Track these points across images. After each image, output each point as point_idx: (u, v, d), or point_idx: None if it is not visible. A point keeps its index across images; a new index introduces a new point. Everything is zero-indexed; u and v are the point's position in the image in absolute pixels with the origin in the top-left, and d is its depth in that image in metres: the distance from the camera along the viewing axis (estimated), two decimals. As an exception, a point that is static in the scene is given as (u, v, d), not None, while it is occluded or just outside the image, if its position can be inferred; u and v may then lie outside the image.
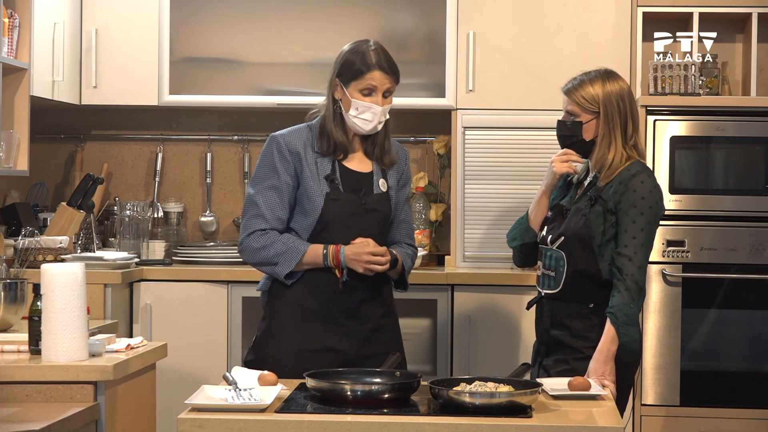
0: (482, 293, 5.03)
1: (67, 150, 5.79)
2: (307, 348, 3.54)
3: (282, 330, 3.58)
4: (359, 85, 3.56)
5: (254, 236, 3.57)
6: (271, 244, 3.55)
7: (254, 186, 3.61)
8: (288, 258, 3.54)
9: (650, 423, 4.97)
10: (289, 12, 5.30)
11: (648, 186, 3.52)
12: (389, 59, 3.60)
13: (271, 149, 3.60)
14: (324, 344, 3.56)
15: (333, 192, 3.57)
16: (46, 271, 3.18)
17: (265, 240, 3.56)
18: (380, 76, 3.56)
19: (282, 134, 3.63)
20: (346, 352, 3.57)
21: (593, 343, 3.50)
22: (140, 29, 5.33)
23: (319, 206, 3.56)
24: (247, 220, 3.60)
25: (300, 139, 3.61)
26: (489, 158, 5.24)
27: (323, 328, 3.57)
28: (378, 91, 3.56)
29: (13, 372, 3.17)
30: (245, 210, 3.62)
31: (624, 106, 3.59)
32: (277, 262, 3.55)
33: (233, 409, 2.84)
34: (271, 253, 3.55)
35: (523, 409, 2.85)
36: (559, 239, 3.59)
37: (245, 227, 3.60)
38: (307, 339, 3.56)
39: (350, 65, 3.57)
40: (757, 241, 4.95)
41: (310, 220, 3.58)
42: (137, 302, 5.09)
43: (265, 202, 3.57)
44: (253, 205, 3.59)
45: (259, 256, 3.57)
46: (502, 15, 5.24)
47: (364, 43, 3.61)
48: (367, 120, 3.57)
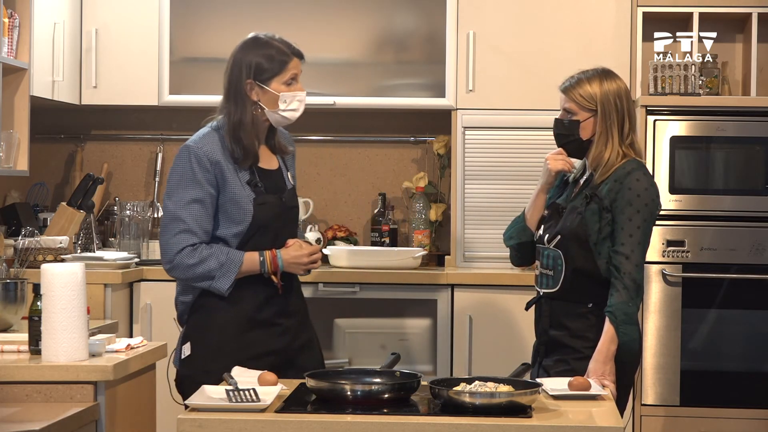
0: (482, 293, 5.03)
1: (67, 150, 5.79)
2: (247, 356, 3.47)
3: (217, 343, 3.51)
4: (283, 78, 3.54)
5: (185, 252, 3.46)
6: (206, 259, 3.46)
7: (174, 200, 3.49)
8: (226, 271, 3.47)
9: (650, 423, 4.97)
10: (289, 12, 5.30)
11: (644, 183, 3.52)
12: (294, 44, 3.59)
13: (189, 160, 3.49)
14: (265, 348, 3.53)
15: (259, 197, 3.53)
16: (46, 271, 3.18)
17: (198, 255, 3.46)
18: (297, 62, 3.57)
19: (197, 144, 3.51)
20: (283, 350, 3.56)
21: (592, 342, 3.50)
22: (140, 29, 5.33)
23: (250, 213, 3.51)
24: (173, 237, 3.47)
25: (216, 146, 3.51)
26: (489, 158, 5.24)
27: (261, 333, 3.54)
28: (298, 78, 3.57)
29: (13, 372, 3.16)
30: (167, 226, 3.49)
31: (621, 104, 3.59)
32: (215, 276, 3.47)
33: (233, 409, 2.84)
34: (207, 268, 3.46)
35: (523, 409, 2.85)
36: (556, 238, 3.59)
37: (172, 244, 3.47)
38: (245, 347, 3.51)
39: (264, 64, 3.53)
40: (757, 241, 4.95)
41: (240, 227, 3.52)
42: (137, 302, 5.09)
43: (190, 216, 3.46)
44: (177, 221, 3.47)
45: (194, 272, 3.47)
46: (502, 15, 5.24)
47: (262, 39, 3.57)
48: (295, 109, 3.56)
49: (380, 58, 5.34)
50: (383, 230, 5.51)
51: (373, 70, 5.33)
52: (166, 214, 3.51)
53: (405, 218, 5.67)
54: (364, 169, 5.71)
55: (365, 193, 5.70)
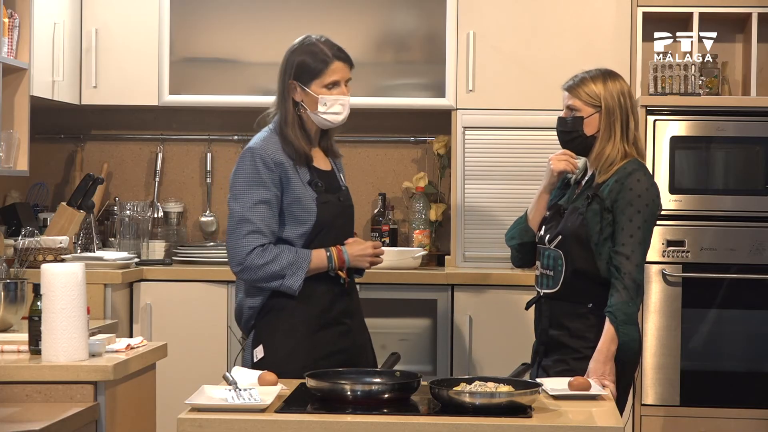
0: (482, 293, 5.03)
1: (67, 150, 5.79)
2: (319, 356, 3.51)
3: (290, 345, 3.53)
4: (323, 81, 3.54)
5: (255, 253, 3.47)
6: (275, 258, 3.48)
7: (241, 202, 3.50)
8: (296, 269, 3.49)
9: (650, 423, 4.97)
10: (289, 12, 5.31)
11: (644, 184, 3.52)
12: (342, 49, 3.59)
13: (255, 162, 3.51)
14: (334, 347, 3.56)
15: (321, 196, 3.56)
16: (46, 271, 3.18)
17: (268, 255, 3.48)
18: (341, 66, 3.56)
19: (260, 146, 3.53)
20: (348, 349, 3.59)
21: (592, 343, 3.50)
22: (140, 29, 5.33)
23: (314, 212, 3.53)
24: (242, 238, 3.48)
25: (278, 148, 3.54)
26: (489, 158, 5.24)
27: (329, 333, 3.57)
28: (342, 82, 3.57)
29: (13, 372, 3.16)
30: (235, 228, 3.50)
31: (625, 103, 3.60)
32: (285, 274, 3.49)
33: (233, 409, 2.84)
34: (278, 267, 3.48)
35: (523, 409, 2.85)
36: (557, 238, 3.59)
37: (242, 246, 3.48)
38: (316, 347, 3.53)
39: (306, 65, 3.54)
40: (757, 241, 4.95)
41: (305, 227, 3.54)
42: (137, 302, 5.09)
43: (258, 217, 3.48)
44: (245, 222, 3.48)
45: (265, 272, 3.48)
46: (502, 15, 5.24)
47: (310, 41, 3.58)
48: (337, 113, 3.57)
49: (380, 58, 5.34)
50: (383, 230, 5.51)
51: (373, 70, 5.33)
52: (233, 216, 3.51)
53: (405, 218, 5.67)
54: (364, 169, 5.71)
55: (365, 193, 5.70)
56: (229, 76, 5.33)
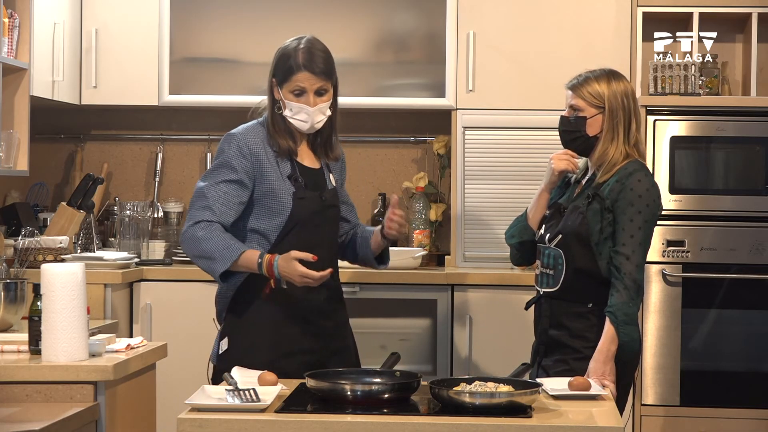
0: (482, 293, 5.03)
1: (67, 150, 5.79)
2: (280, 353, 3.47)
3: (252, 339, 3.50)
4: (289, 87, 3.52)
5: (199, 226, 3.44)
6: (212, 237, 3.43)
7: (206, 180, 3.50)
8: (225, 255, 3.42)
9: (650, 423, 4.97)
10: (289, 12, 5.30)
11: (645, 184, 3.52)
12: (319, 58, 3.51)
13: (230, 147, 3.51)
14: (297, 346, 3.52)
15: (299, 191, 3.53)
16: (46, 271, 3.18)
17: (208, 232, 3.43)
18: (307, 76, 3.50)
19: (240, 133, 3.54)
20: (316, 351, 3.54)
21: (592, 343, 3.50)
22: (140, 29, 5.33)
23: (288, 206, 3.51)
24: (194, 211, 3.47)
25: (258, 138, 3.53)
26: (489, 158, 5.24)
27: (295, 330, 3.53)
28: (308, 92, 3.51)
29: (13, 372, 3.16)
30: (193, 202, 3.50)
31: (628, 103, 3.59)
32: (215, 257, 3.43)
33: (233, 409, 2.84)
34: (211, 247, 3.42)
35: (523, 409, 2.85)
36: (557, 237, 3.59)
37: (191, 217, 3.46)
38: (279, 343, 3.50)
39: (281, 65, 3.54)
40: (757, 241, 4.96)
41: (279, 220, 3.52)
42: (137, 302, 5.09)
43: (215, 196, 3.46)
44: (202, 197, 3.47)
45: (199, 248, 3.43)
46: (502, 15, 5.24)
47: (295, 42, 3.55)
48: (303, 120, 3.53)
49: (380, 58, 5.34)
50: (383, 230, 5.50)
51: (373, 70, 5.33)
52: (196, 190, 3.52)
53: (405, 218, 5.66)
54: (364, 169, 5.71)
55: (365, 193, 5.70)
56: (229, 76, 5.33)
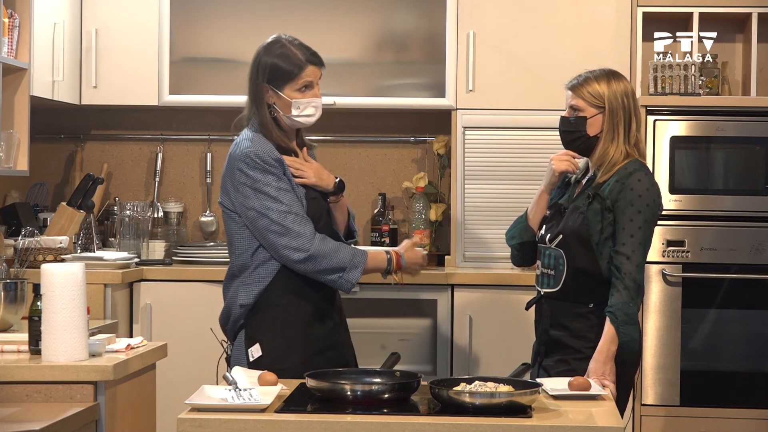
0: (482, 293, 5.03)
1: (67, 150, 5.79)
2: (313, 351, 3.51)
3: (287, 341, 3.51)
4: (295, 86, 3.53)
5: (319, 240, 3.42)
6: (338, 249, 3.43)
7: (267, 197, 3.43)
8: (356, 264, 3.45)
9: (650, 423, 4.97)
10: (289, 12, 5.30)
11: (645, 184, 3.52)
12: (311, 49, 3.58)
13: (255, 162, 3.46)
14: (326, 342, 3.56)
15: (309, 191, 3.57)
16: (46, 271, 3.18)
17: (332, 243, 3.44)
18: (313, 69, 3.55)
19: (255, 149, 3.48)
20: (337, 346, 3.59)
21: (593, 343, 3.50)
22: (140, 29, 5.33)
23: (305, 208, 3.52)
24: (300, 226, 3.40)
25: (268, 145, 3.51)
26: (489, 158, 5.24)
27: (322, 328, 3.56)
28: (315, 84, 3.57)
29: (13, 372, 3.16)
30: (284, 220, 3.40)
31: (628, 103, 3.59)
32: (346, 267, 3.44)
33: (233, 409, 2.84)
34: (342, 258, 3.42)
35: (523, 409, 2.85)
36: (558, 238, 3.59)
37: (305, 233, 3.40)
38: (311, 342, 3.53)
39: (280, 70, 3.52)
40: (757, 241, 4.96)
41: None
42: (137, 302, 5.09)
43: (298, 206, 3.45)
44: (289, 214, 3.42)
45: (330, 262, 3.42)
46: (502, 15, 5.24)
47: (281, 43, 3.55)
48: (311, 114, 3.57)
49: (380, 58, 5.34)
50: (383, 230, 5.50)
51: (373, 70, 5.33)
52: (269, 211, 3.42)
53: (405, 218, 5.67)
54: (364, 169, 5.71)
55: (365, 193, 5.70)
56: (229, 76, 5.33)
